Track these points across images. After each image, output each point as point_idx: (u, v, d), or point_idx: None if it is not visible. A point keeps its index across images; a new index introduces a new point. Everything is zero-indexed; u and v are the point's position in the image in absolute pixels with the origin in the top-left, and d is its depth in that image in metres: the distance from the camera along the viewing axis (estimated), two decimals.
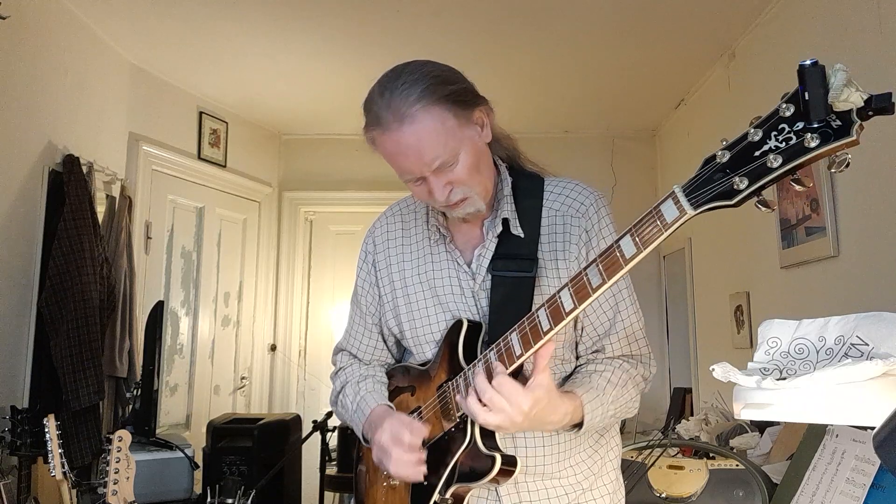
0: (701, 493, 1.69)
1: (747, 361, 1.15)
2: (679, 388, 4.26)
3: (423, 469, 1.18)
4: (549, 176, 1.34)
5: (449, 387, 1.21)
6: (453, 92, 1.17)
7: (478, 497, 1.24)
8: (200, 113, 4.26)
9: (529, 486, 1.24)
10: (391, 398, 1.36)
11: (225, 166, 4.44)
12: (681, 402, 4.09)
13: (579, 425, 1.17)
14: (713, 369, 1.08)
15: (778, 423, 2.25)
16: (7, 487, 2.19)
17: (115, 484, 2.05)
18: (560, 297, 1.03)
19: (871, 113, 0.73)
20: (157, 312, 3.30)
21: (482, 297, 1.26)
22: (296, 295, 4.90)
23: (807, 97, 0.73)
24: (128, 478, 2.09)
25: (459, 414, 1.17)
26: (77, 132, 3.21)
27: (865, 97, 0.72)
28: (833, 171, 0.76)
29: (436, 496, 1.19)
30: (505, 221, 1.26)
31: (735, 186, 0.82)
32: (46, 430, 2.14)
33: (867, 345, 1.04)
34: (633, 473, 1.77)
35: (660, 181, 4.75)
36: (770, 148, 0.79)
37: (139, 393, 3.22)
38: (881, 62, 2.25)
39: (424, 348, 1.31)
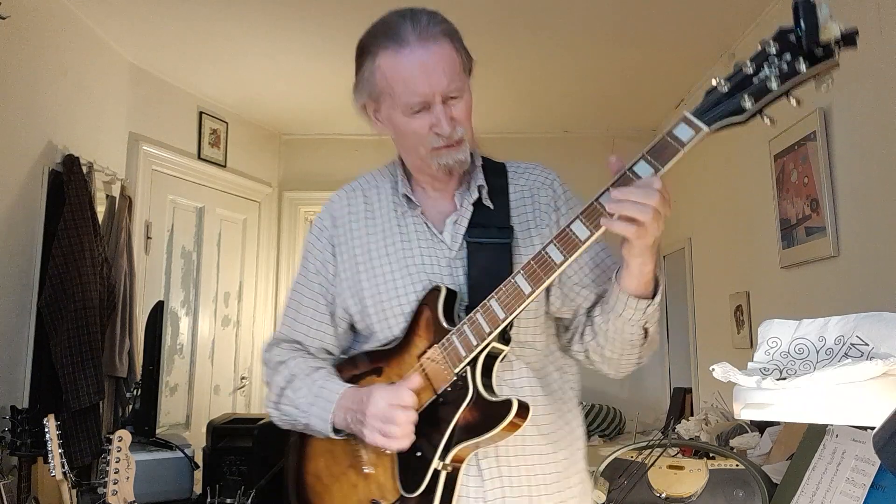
0: (701, 493, 1.69)
1: (747, 361, 1.15)
2: (679, 388, 4.25)
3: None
4: (505, 160, 1.37)
5: (437, 350, 1.17)
6: (461, 39, 1.24)
7: (461, 474, 1.19)
8: (200, 113, 4.26)
9: (511, 462, 1.21)
10: None
11: (225, 166, 4.44)
12: (681, 402, 4.09)
13: (654, 292, 1.17)
14: (713, 369, 1.08)
15: (778, 423, 2.25)
16: (7, 487, 2.19)
17: (115, 484, 2.05)
18: (572, 228, 1.08)
19: (843, 45, 0.92)
20: (157, 312, 3.30)
21: (458, 267, 1.25)
22: None
23: (802, 25, 0.92)
24: (128, 478, 2.09)
25: (457, 370, 1.15)
26: (77, 132, 3.21)
27: (843, 28, 0.92)
28: (821, 89, 0.95)
29: (436, 463, 1.14)
30: (479, 189, 1.28)
31: (742, 104, 0.97)
32: (46, 430, 2.15)
33: (867, 345, 1.04)
34: (633, 473, 1.77)
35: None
36: (766, 75, 0.96)
37: (139, 393, 3.22)
38: (881, 62, 2.25)
39: (391, 323, 1.25)
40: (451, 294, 1.21)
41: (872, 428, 0.84)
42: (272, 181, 4.91)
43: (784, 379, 1.03)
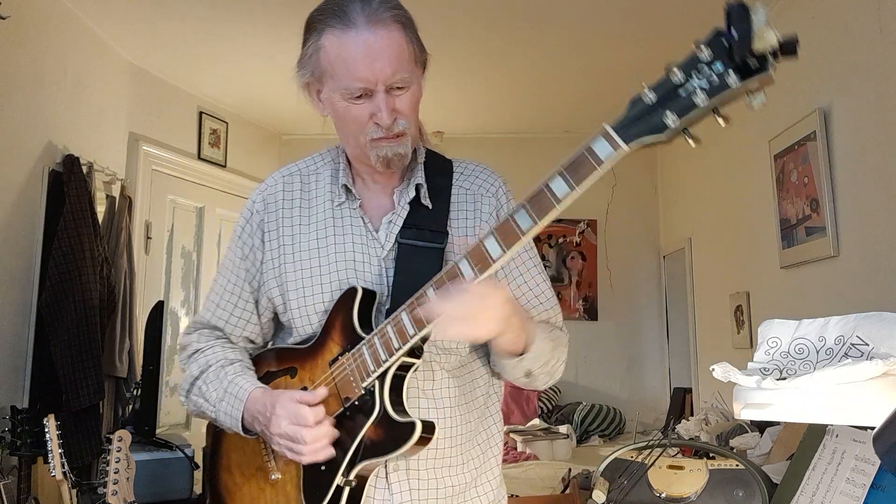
0: (701, 493, 1.69)
1: (747, 361, 1.15)
2: (679, 388, 4.26)
3: (334, 434, 1.10)
4: (454, 158, 1.32)
5: (348, 359, 1.12)
6: (415, 30, 1.17)
7: (367, 486, 1.15)
8: (200, 113, 4.26)
9: (421, 475, 1.17)
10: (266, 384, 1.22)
11: (225, 166, 4.44)
12: (681, 402, 4.10)
13: (522, 352, 1.13)
14: (713, 369, 1.08)
15: (778, 423, 2.25)
16: (7, 487, 2.19)
17: (115, 484, 2.05)
18: (485, 244, 1.01)
19: (779, 54, 0.81)
20: (157, 312, 3.30)
21: (390, 267, 1.19)
22: None
23: (732, 33, 0.80)
24: (128, 478, 2.09)
25: (365, 384, 1.10)
26: (77, 132, 3.21)
27: (780, 37, 0.80)
28: (752, 105, 0.84)
29: (338, 479, 1.09)
30: (418, 188, 1.22)
31: (665, 121, 0.89)
32: (46, 430, 2.14)
33: (867, 345, 1.04)
34: (633, 473, 1.77)
35: (660, 181, 4.75)
36: (693, 87, 0.86)
37: (139, 393, 3.22)
38: (881, 62, 2.25)
39: (311, 319, 1.19)
40: (370, 295, 1.16)
41: (872, 428, 0.84)
42: None
43: (784, 379, 1.03)
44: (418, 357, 1.12)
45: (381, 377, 1.10)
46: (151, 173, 3.90)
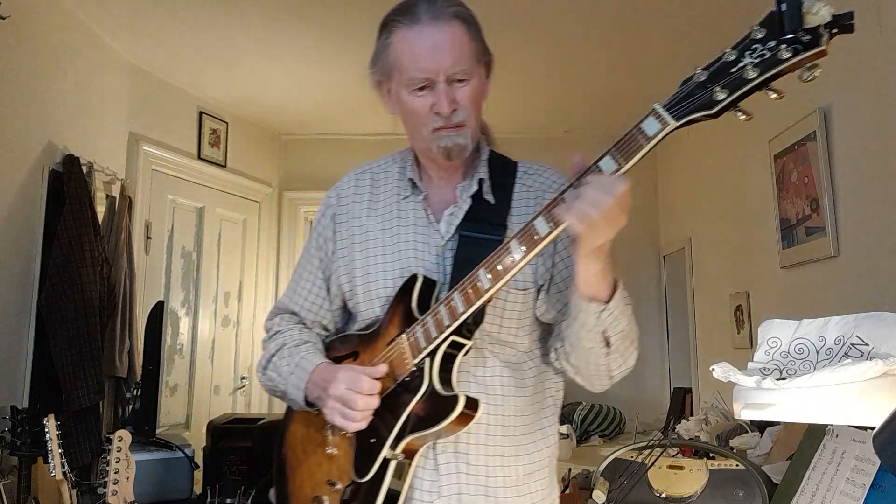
0: (701, 493, 1.69)
1: (747, 361, 1.15)
2: (679, 388, 4.26)
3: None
4: (520, 159, 1.37)
5: (403, 339, 1.18)
6: (479, 29, 1.25)
7: (416, 465, 1.19)
8: (200, 113, 4.26)
9: (470, 461, 1.20)
10: None
11: (225, 166, 4.44)
12: (681, 402, 4.09)
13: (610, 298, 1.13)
14: (713, 369, 1.08)
15: (778, 423, 2.25)
16: (7, 487, 2.19)
17: (115, 484, 2.05)
18: (534, 224, 1.06)
19: (835, 30, 0.82)
20: (157, 312, 3.30)
21: (447, 256, 1.24)
22: None
23: (783, 7, 0.82)
24: (128, 478, 2.09)
25: (416, 361, 1.15)
26: (77, 132, 3.21)
27: (833, 11, 0.81)
28: (805, 78, 0.86)
29: (385, 451, 1.15)
30: (480, 182, 1.27)
31: (714, 97, 0.90)
32: (46, 430, 2.15)
33: (867, 345, 1.04)
34: (633, 473, 1.77)
35: (660, 181, 4.75)
36: (745, 63, 0.88)
37: (139, 393, 3.22)
38: (881, 62, 2.25)
39: (374, 304, 1.27)
40: (429, 283, 1.21)
41: (872, 428, 0.84)
42: (272, 181, 4.91)
43: (784, 379, 1.03)
44: (469, 338, 1.16)
45: (432, 355, 1.15)
46: (151, 173, 3.90)
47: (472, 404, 1.12)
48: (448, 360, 1.16)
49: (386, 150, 1.40)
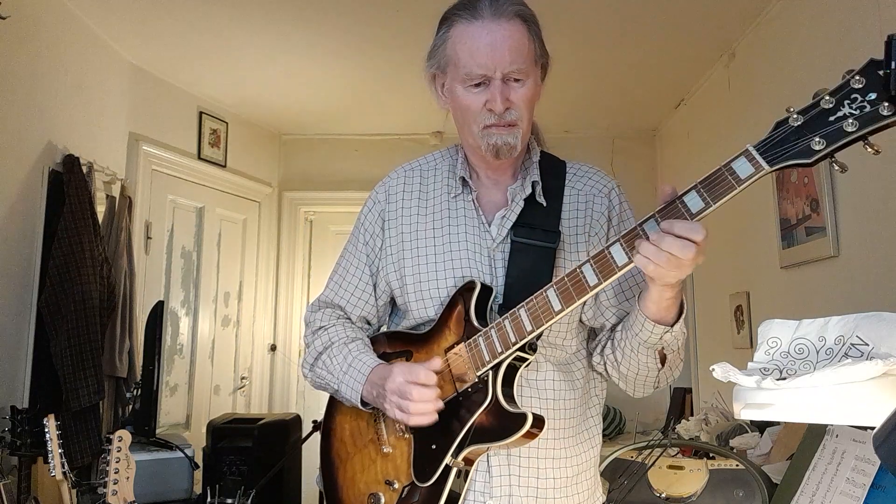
0: (701, 493, 1.69)
1: (747, 361, 1.15)
2: (679, 388, 4.25)
3: (440, 405, 1.15)
4: (567, 160, 1.36)
5: (464, 348, 1.18)
6: (539, 30, 1.25)
7: (472, 472, 1.21)
8: (200, 113, 4.26)
9: (521, 463, 1.22)
10: None
11: (225, 166, 4.44)
12: (681, 402, 4.09)
13: (675, 320, 1.13)
14: (713, 369, 1.08)
15: (778, 423, 2.25)
16: (7, 487, 2.19)
17: (115, 484, 2.05)
18: (611, 251, 1.04)
19: None
20: (157, 312, 3.30)
21: (498, 260, 1.25)
22: (296, 295, 4.90)
23: (893, 66, 0.80)
24: (128, 478, 2.09)
25: (480, 373, 1.16)
26: (77, 132, 3.21)
27: None
28: None
29: (448, 459, 1.15)
30: (534, 185, 1.27)
31: (812, 146, 0.88)
32: (46, 430, 2.14)
33: (867, 345, 1.04)
34: (633, 473, 1.77)
35: (660, 181, 4.75)
36: (844, 114, 0.85)
37: (139, 393, 3.22)
38: None
39: (427, 304, 1.27)
40: (486, 290, 1.21)
41: (872, 428, 0.84)
42: (272, 181, 4.91)
43: (784, 379, 1.03)
44: (532, 353, 1.17)
45: (496, 368, 1.15)
46: (151, 173, 3.90)
47: (538, 422, 1.13)
48: (510, 372, 1.17)
49: (386, 151, 1.40)
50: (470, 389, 1.17)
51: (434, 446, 1.17)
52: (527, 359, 1.17)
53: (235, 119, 4.54)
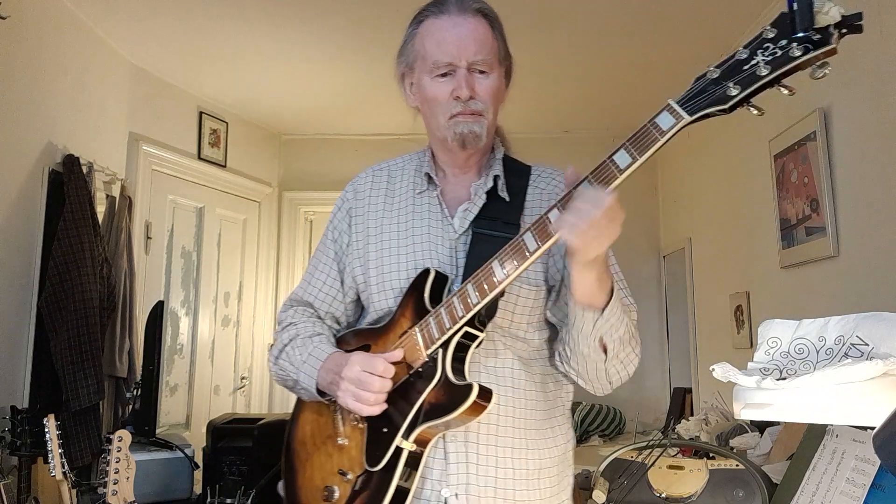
0: (701, 493, 1.69)
1: (747, 361, 1.15)
2: (679, 388, 4.25)
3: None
4: (534, 164, 1.39)
5: (416, 330, 1.20)
6: (502, 31, 1.31)
7: (426, 455, 1.19)
8: (200, 113, 4.26)
9: (480, 451, 1.21)
10: None
11: (225, 166, 4.44)
12: (681, 402, 4.09)
13: (607, 303, 1.14)
14: (713, 369, 1.08)
15: (778, 423, 2.25)
16: (7, 487, 2.19)
17: (115, 484, 2.05)
18: (549, 217, 1.07)
19: (844, 31, 0.86)
20: (157, 312, 3.30)
21: (460, 251, 1.27)
22: None
23: (794, 6, 0.86)
24: (128, 478, 2.09)
25: (429, 351, 1.17)
26: (77, 132, 3.21)
27: (843, 12, 0.85)
28: (816, 76, 0.90)
29: (398, 440, 1.15)
30: (495, 179, 1.30)
31: (728, 93, 0.93)
32: (46, 430, 2.14)
33: (867, 345, 1.04)
34: (633, 473, 1.77)
35: (660, 181, 4.75)
36: (757, 61, 0.91)
37: (139, 393, 3.22)
38: (881, 62, 2.25)
39: (388, 294, 1.29)
40: (441, 278, 1.23)
41: (872, 428, 0.84)
42: (272, 181, 4.91)
43: (784, 379, 1.03)
44: (481, 330, 1.18)
45: (445, 345, 1.17)
46: (151, 173, 3.90)
47: (485, 394, 1.13)
48: (461, 351, 1.18)
49: (386, 151, 1.41)
50: (421, 369, 1.18)
51: (386, 430, 1.18)
52: (477, 336, 1.18)
53: (235, 119, 4.54)
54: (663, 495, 1.73)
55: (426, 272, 1.24)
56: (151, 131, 3.88)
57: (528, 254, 1.09)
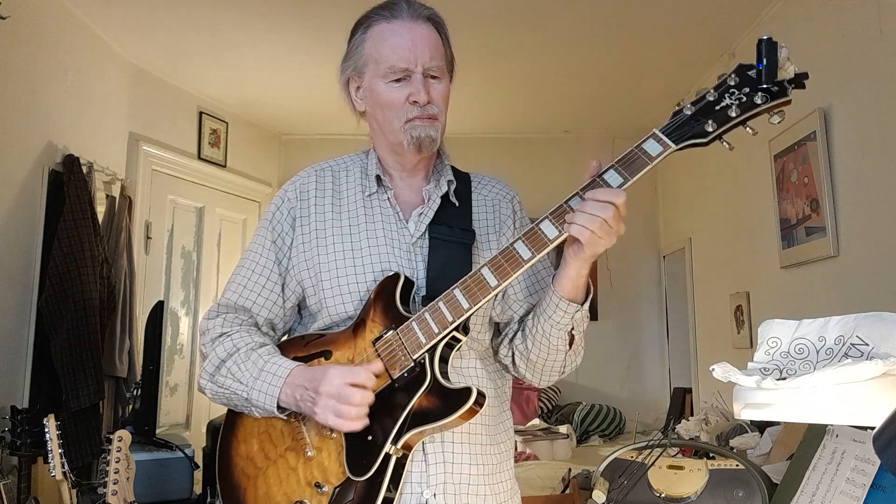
0: (701, 493, 1.69)
1: (747, 361, 1.15)
2: (679, 388, 4.26)
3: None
4: (471, 172, 1.42)
5: (395, 335, 1.17)
6: (448, 38, 1.32)
7: (408, 461, 1.18)
8: (200, 113, 4.26)
9: (455, 450, 1.22)
10: None
11: (225, 166, 4.44)
12: (681, 402, 4.10)
13: (584, 299, 1.20)
14: (713, 369, 1.08)
15: (778, 423, 2.25)
16: (7, 487, 2.19)
17: (115, 484, 2.05)
18: (541, 227, 1.13)
19: (793, 85, 1.04)
20: (157, 312, 3.30)
21: (417, 255, 1.27)
22: None
23: (764, 62, 1.03)
24: (128, 478, 2.09)
25: (416, 356, 1.15)
26: (77, 132, 3.21)
27: (797, 70, 1.04)
28: (773, 122, 1.07)
29: (388, 447, 1.13)
30: (449, 184, 1.32)
31: (706, 128, 1.08)
32: (46, 430, 2.14)
33: (867, 345, 1.04)
34: (633, 473, 1.77)
35: (659, 181, 4.75)
36: (727, 104, 1.06)
37: (139, 393, 3.22)
38: (881, 62, 2.25)
39: (345, 299, 1.24)
40: (409, 283, 1.23)
41: (872, 428, 0.84)
42: (272, 181, 4.91)
43: (784, 379, 1.03)
44: (465, 334, 1.19)
45: (431, 350, 1.16)
46: (151, 173, 3.90)
47: (481, 396, 1.13)
48: (444, 356, 1.18)
49: None
50: (406, 374, 1.16)
51: (370, 437, 1.15)
52: (459, 340, 1.19)
53: (235, 119, 4.54)
54: (663, 495, 1.73)
55: (395, 276, 1.21)
56: (151, 131, 3.88)
57: (522, 262, 1.12)
